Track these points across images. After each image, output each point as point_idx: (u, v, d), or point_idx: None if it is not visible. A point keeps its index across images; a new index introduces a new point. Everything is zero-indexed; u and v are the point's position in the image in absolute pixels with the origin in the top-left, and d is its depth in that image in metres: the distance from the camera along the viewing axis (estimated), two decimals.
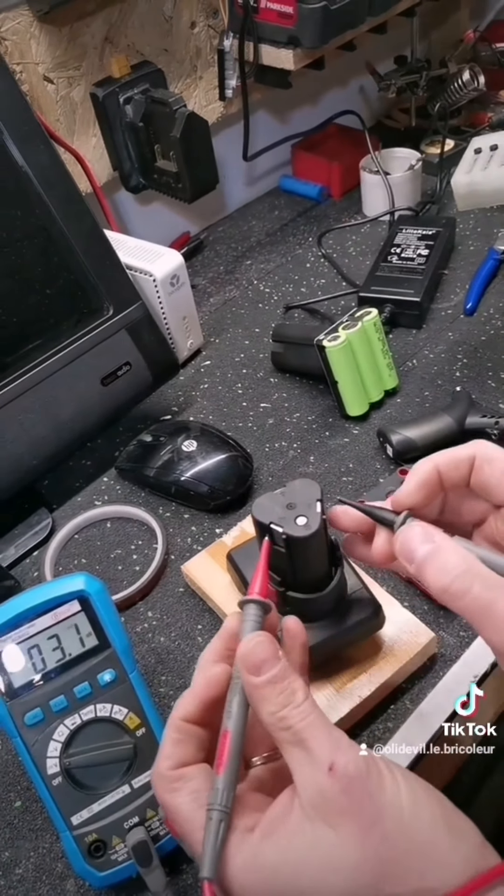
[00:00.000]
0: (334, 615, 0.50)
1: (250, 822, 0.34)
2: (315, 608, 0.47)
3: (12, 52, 0.78)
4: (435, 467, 0.39)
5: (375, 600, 0.52)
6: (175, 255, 0.80)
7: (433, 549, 0.36)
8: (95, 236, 0.67)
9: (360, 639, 0.53)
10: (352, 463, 0.73)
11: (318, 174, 1.12)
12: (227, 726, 0.36)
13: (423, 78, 1.09)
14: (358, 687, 0.53)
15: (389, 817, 0.32)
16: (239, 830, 0.34)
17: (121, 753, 0.47)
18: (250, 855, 0.33)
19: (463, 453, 0.39)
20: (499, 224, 0.99)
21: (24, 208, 0.63)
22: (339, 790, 0.32)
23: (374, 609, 0.52)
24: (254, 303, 0.95)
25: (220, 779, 0.34)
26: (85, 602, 0.47)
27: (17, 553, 0.70)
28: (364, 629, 0.52)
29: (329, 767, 0.32)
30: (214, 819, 0.33)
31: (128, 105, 0.88)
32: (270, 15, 0.87)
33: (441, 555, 0.35)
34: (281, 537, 0.42)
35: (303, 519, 0.43)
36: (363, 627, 0.52)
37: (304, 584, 0.47)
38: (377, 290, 0.86)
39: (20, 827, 0.52)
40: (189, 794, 0.35)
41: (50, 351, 0.65)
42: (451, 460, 0.40)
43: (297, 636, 0.40)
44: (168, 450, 0.71)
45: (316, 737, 0.33)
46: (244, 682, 0.36)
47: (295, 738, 0.34)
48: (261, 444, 0.76)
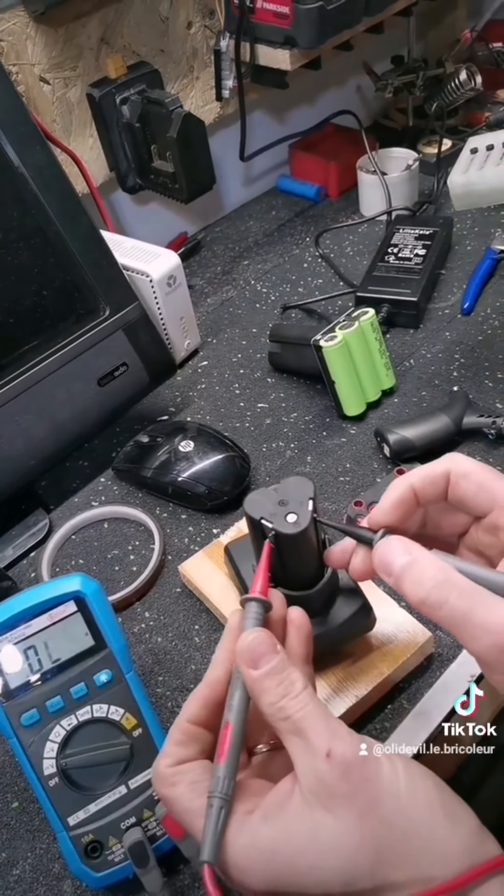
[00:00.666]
0: (325, 613, 0.51)
1: (250, 806, 0.35)
2: (305, 606, 0.48)
3: (8, 53, 0.78)
4: (410, 486, 0.40)
5: (366, 600, 0.52)
6: (172, 255, 0.80)
7: (410, 562, 0.36)
8: (92, 237, 0.67)
9: (350, 638, 0.53)
10: (349, 463, 0.73)
11: (315, 174, 1.12)
12: (228, 718, 0.36)
13: (419, 78, 1.09)
14: (355, 686, 0.53)
15: (387, 802, 0.33)
16: (239, 814, 0.34)
17: (117, 754, 0.47)
18: (250, 837, 0.34)
19: (438, 469, 0.40)
20: (496, 224, 0.99)
21: (20, 209, 0.63)
22: (337, 776, 0.33)
23: (365, 609, 0.52)
24: (251, 303, 0.95)
25: (220, 767, 0.35)
26: (81, 603, 0.47)
27: (15, 554, 0.70)
28: (354, 629, 0.52)
29: (327, 754, 0.33)
30: (215, 806, 0.34)
31: (124, 105, 0.88)
32: (267, 15, 0.87)
33: (417, 567, 0.36)
34: (271, 533, 0.43)
35: (293, 516, 0.43)
36: (353, 627, 0.52)
37: (294, 581, 0.47)
38: (374, 289, 0.87)
39: (17, 828, 0.52)
40: (187, 785, 0.36)
41: (47, 352, 0.65)
42: (425, 477, 0.40)
43: (301, 627, 0.41)
44: (165, 450, 0.71)
45: (314, 725, 0.34)
46: (244, 675, 0.36)
47: (294, 727, 0.34)
48: (258, 444, 0.76)
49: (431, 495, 0.40)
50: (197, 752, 0.37)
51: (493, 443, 0.71)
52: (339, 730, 0.34)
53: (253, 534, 0.46)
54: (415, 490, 0.40)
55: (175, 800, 0.36)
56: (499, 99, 1.19)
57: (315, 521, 0.43)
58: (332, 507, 0.69)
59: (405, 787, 0.34)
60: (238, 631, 0.38)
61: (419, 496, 0.40)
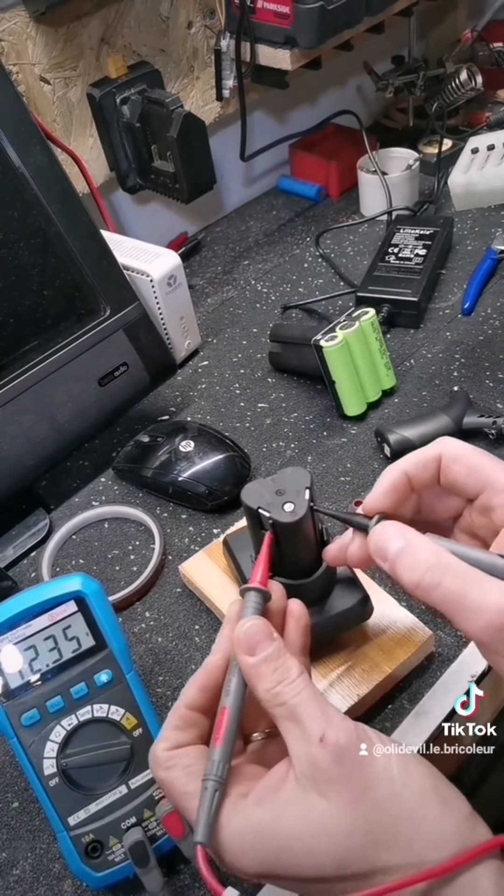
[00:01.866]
0: (322, 603, 0.51)
1: (244, 790, 0.35)
2: (302, 594, 0.48)
3: (8, 53, 0.78)
4: (402, 471, 0.40)
5: (364, 590, 0.52)
6: (172, 255, 0.80)
7: (404, 546, 0.36)
8: (92, 237, 0.67)
9: (347, 626, 0.53)
10: (349, 463, 0.73)
11: (315, 174, 1.12)
12: (224, 703, 0.37)
13: (420, 78, 1.09)
14: (355, 685, 0.53)
15: (380, 786, 0.33)
16: (233, 796, 0.35)
17: (118, 754, 0.47)
18: (244, 819, 0.34)
19: (429, 453, 0.40)
20: (496, 224, 0.99)
21: (20, 209, 0.63)
22: (331, 760, 0.33)
23: (362, 598, 0.52)
24: (251, 303, 0.95)
25: (216, 751, 0.35)
26: (81, 602, 0.47)
27: (15, 554, 0.70)
28: (351, 618, 0.53)
29: (320, 739, 0.33)
30: (209, 788, 0.34)
31: (124, 105, 0.88)
32: (267, 15, 0.87)
33: (411, 550, 0.36)
34: (268, 522, 0.43)
35: (290, 505, 0.43)
36: (351, 615, 0.52)
37: (292, 570, 0.47)
38: (375, 289, 0.87)
39: (17, 828, 0.52)
40: (182, 769, 0.36)
41: (47, 352, 0.65)
42: (417, 462, 0.40)
43: (299, 618, 0.41)
44: (165, 450, 0.71)
45: (308, 710, 0.34)
46: (240, 662, 0.37)
47: (289, 712, 0.35)
48: (258, 444, 0.76)
49: (424, 479, 0.40)
50: (194, 737, 0.38)
51: (493, 443, 0.71)
52: (334, 716, 0.35)
53: (251, 524, 0.46)
54: (408, 475, 0.40)
55: (170, 782, 0.36)
56: (499, 99, 1.18)
57: (312, 509, 0.44)
58: (333, 507, 0.69)
59: (398, 772, 0.34)
60: (237, 619, 0.39)
61: (412, 481, 0.40)
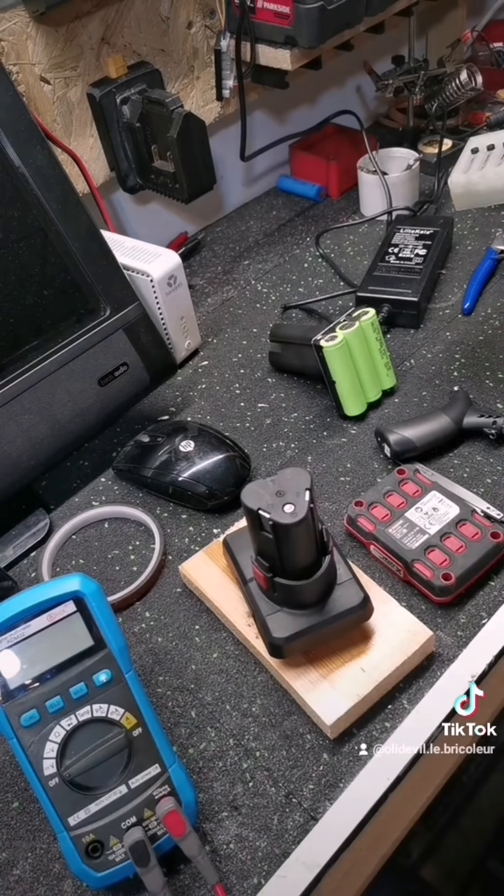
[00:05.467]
0: (322, 603, 0.51)
1: None
2: (303, 595, 0.48)
3: (9, 53, 0.78)
4: None
5: (364, 590, 0.52)
6: (172, 255, 0.80)
7: None
8: (92, 237, 0.67)
9: (348, 626, 0.54)
10: (350, 463, 0.73)
11: (315, 174, 1.12)
12: None
13: (420, 78, 1.09)
14: (356, 685, 0.53)
15: None
16: None
17: (117, 754, 0.47)
18: None
19: None
20: (496, 224, 0.99)
21: (21, 209, 0.63)
22: None
23: (362, 599, 0.52)
24: (251, 303, 0.95)
25: None
26: (80, 603, 0.47)
27: (15, 554, 0.70)
28: (351, 618, 0.53)
29: None
30: None
31: (125, 105, 0.88)
32: (267, 15, 0.87)
33: None
34: (268, 523, 0.43)
35: (290, 506, 0.44)
36: (350, 616, 0.52)
37: (292, 570, 0.47)
38: (375, 289, 0.86)
39: (17, 828, 0.52)
40: None
41: (47, 352, 0.65)
42: None
43: None
44: (165, 450, 0.71)
45: None
46: None
47: None
48: (258, 444, 0.76)
49: None
50: None
51: (493, 443, 0.71)
52: None
53: (251, 525, 0.46)
54: None
55: None
56: (499, 99, 1.18)
57: (312, 511, 0.44)
58: (333, 507, 0.69)
59: None
60: None
61: None
